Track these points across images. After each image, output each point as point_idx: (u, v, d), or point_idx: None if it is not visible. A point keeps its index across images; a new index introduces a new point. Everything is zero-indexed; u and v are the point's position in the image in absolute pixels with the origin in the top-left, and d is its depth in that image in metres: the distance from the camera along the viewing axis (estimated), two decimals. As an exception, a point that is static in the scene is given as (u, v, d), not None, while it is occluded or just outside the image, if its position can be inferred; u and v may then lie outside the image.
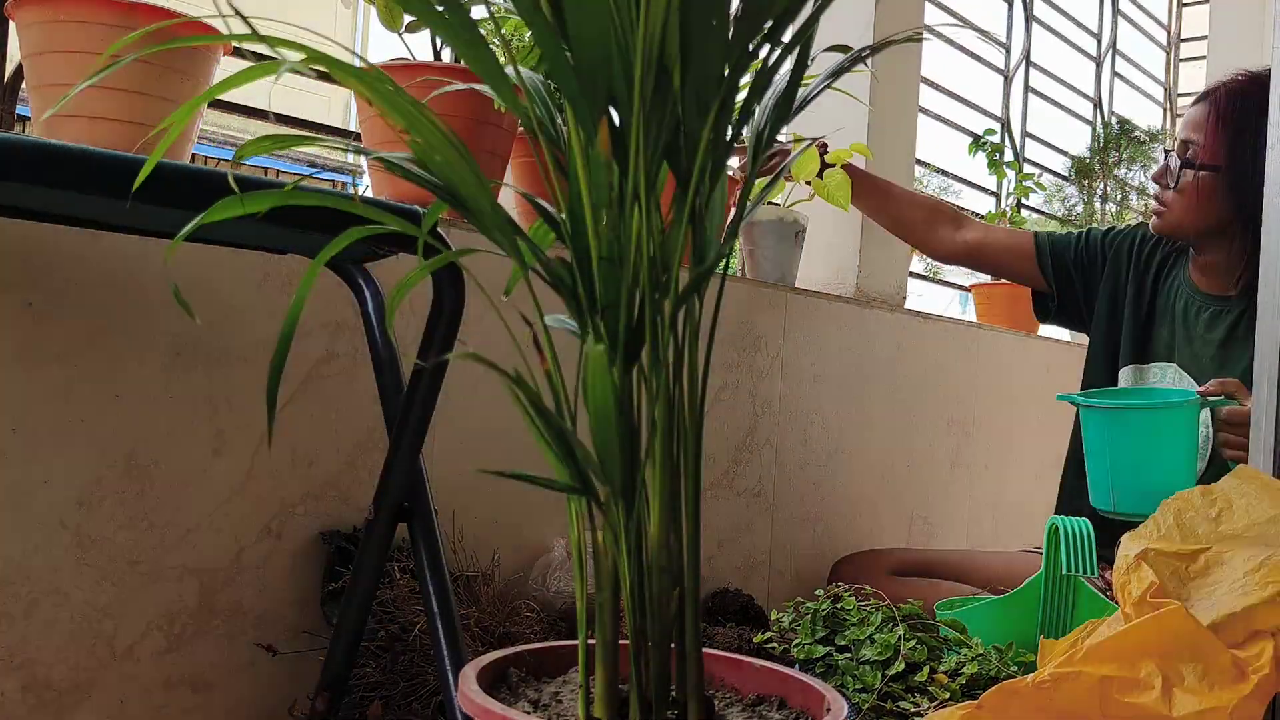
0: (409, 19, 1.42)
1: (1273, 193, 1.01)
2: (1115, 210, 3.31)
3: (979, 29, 2.83)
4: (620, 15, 0.60)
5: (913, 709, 1.08)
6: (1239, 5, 3.84)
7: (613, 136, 0.64)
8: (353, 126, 1.61)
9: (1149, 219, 1.62)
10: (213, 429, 1.22)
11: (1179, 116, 3.97)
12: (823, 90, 0.70)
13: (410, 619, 1.22)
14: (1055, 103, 3.23)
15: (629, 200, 0.64)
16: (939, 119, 2.69)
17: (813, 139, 0.95)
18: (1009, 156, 2.92)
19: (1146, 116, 3.84)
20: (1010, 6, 2.98)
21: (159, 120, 1.13)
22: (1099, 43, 3.51)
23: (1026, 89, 3.00)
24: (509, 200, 1.73)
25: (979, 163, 2.83)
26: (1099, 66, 3.52)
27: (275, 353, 0.61)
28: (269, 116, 1.52)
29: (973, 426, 2.49)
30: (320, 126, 1.65)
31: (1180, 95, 3.98)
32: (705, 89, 0.62)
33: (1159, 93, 3.92)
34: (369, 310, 1.14)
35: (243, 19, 0.59)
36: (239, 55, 1.44)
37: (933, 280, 3.05)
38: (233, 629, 1.24)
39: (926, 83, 2.50)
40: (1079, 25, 3.41)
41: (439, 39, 1.48)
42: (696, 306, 0.68)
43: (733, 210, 0.73)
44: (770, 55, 0.66)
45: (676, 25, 0.60)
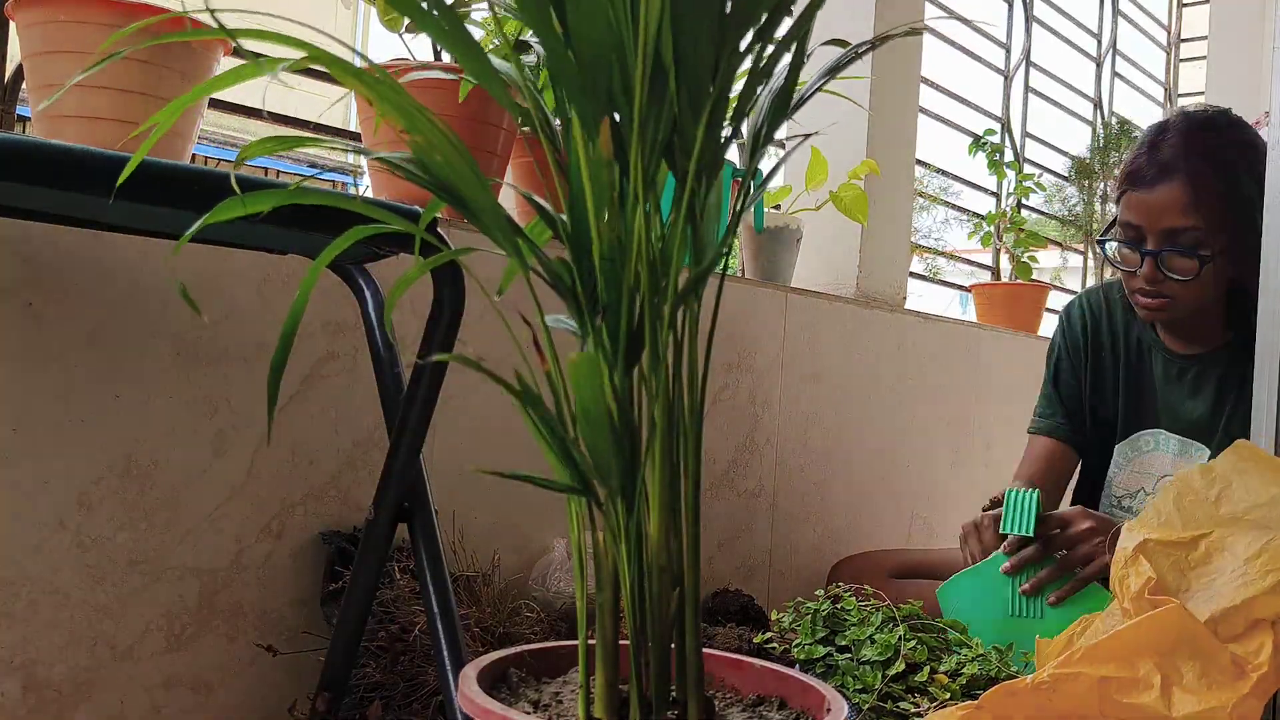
0: (409, 19, 1.42)
1: (1273, 192, 1.01)
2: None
3: (979, 29, 2.83)
4: (618, 14, 0.60)
5: (913, 709, 1.08)
6: (1239, 5, 3.84)
7: (612, 137, 0.63)
8: (353, 126, 1.61)
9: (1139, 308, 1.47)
10: (213, 429, 1.22)
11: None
12: (821, 86, 0.70)
13: (410, 619, 1.22)
14: (1055, 103, 3.23)
15: (629, 200, 0.64)
16: (939, 119, 2.69)
17: (808, 134, 0.94)
18: (1009, 157, 2.92)
19: (1147, 117, 3.84)
20: (1010, 6, 2.98)
21: (158, 121, 1.13)
22: (1099, 43, 3.52)
23: (1026, 89, 3.00)
24: (510, 201, 1.73)
25: (979, 163, 2.83)
26: (1099, 66, 3.52)
27: (276, 352, 0.61)
28: (264, 115, 1.52)
29: (973, 426, 2.49)
30: (320, 127, 1.65)
31: (1180, 95, 3.98)
32: (698, 86, 0.62)
33: (1159, 93, 3.92)
34: (369, 310, 1.14)
35: (223, 26, 0.59)
36: (240, 56, 1.44)
37: (933, 280, 3.05)
38: (233, 629, 1.24)
39: (926, 83, 2.50)
40: (1079, 25, 3.41)
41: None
42: (696, 306, 0.68)
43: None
44: (765, 51, 0.65)
45: (669, 23, 0.60)
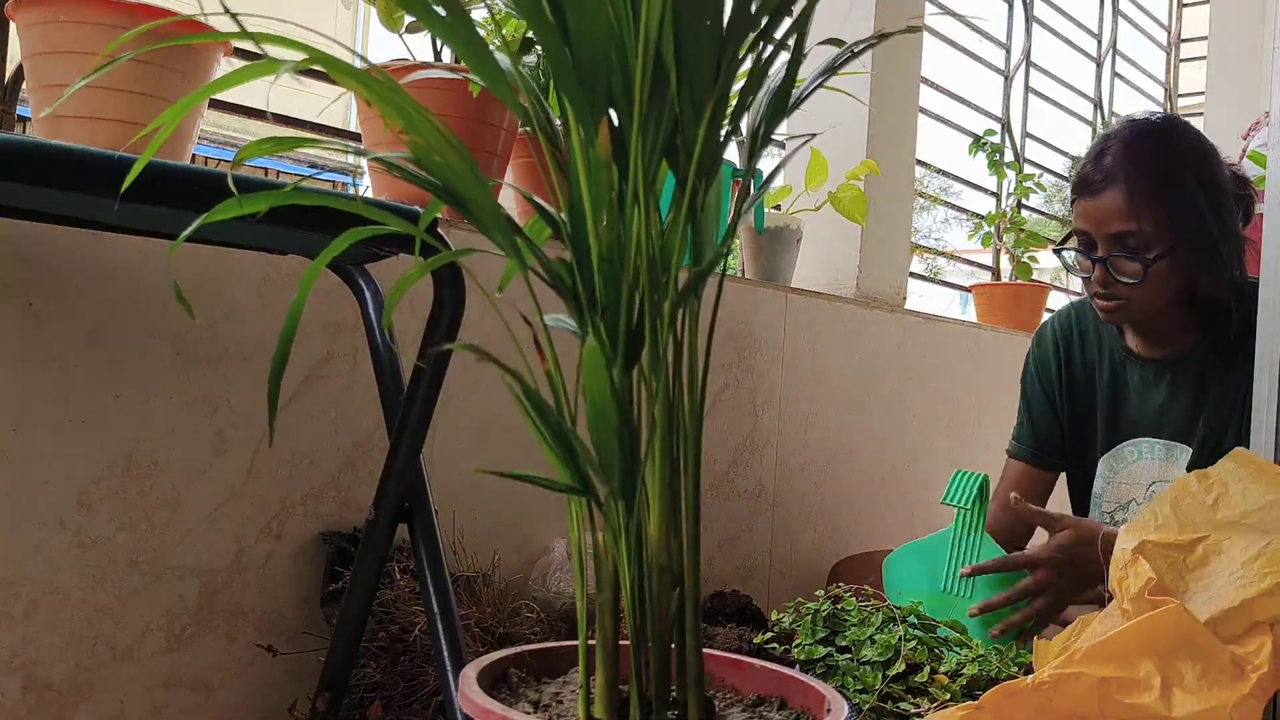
0: (409, 20, 1.42)
1: (1273, 192, 1.01)
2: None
3: (979, 29, 2.83)
4: (619, 14, 0.60)
5: (913, 710, 1.08)
6: (1239, 5, 3.84)
7: (612, 137, 0.63)
8: (353, 126, 1.61)
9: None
10: (213, 429, 1.22)
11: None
12: (819, 85, 0.70)
13: (410, 619, 1.22)
14: (1055, 103, 3.23)
15: (629, 200, 0.64)
16: (939, 119, 2.69)
17: (809, 136, 0.93)
18: (1009, 157, 2.92)
19: (1147, 117, 3.83)
20: (1010, 6, 2.98)
21: (159, 121, 1.13)
22: (1099, 43, 3.52)
23: (1027, 89, 3.00)
24: (510, 201, 1.73)
25: (979, 163, 2.83)
26: (1099, 67, 3.52)
27: (276, 352, 0.61)
28: (267, 116, 1.52)
29: (973, 426, 2.49)
30: (320, 127, 1.65)
31: (1180, 95, 3.98)
32: (700, 86, 0.62)
33: (1159, 93, 3.92)
34: (369, 311, 1.14)
35: (234, 19, 0.59)
36: (240, 56, 1.44)
37: (933, 280, 3.05)
38: (233, 629, 1.24)
39: (926, 83, 2.50)
40: (1079, 25, 3.41)
41: (439, 40, 1.48)
42: (696, 306, 0.68)
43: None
44: (764, 51, 0.65)
45: (671, 24, 0.60)
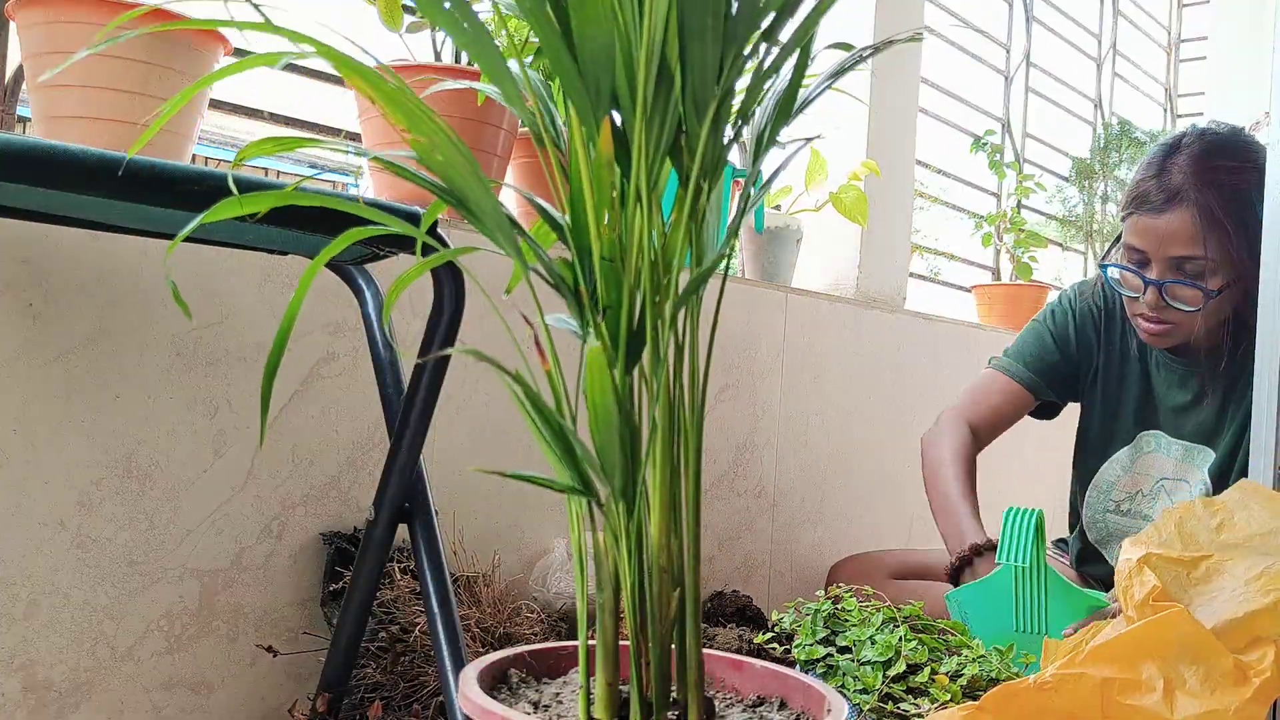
0: (409, 20, 1.42)
1: (1273, 192, 1.00)
2: (1116, 211, 3.31)
3: (979, 29, 2.83)
4: (623, 14, 0.60)
5: (914, 710, 1.08)
6: (1239, 5, 3.84)
7: (615, 137, 0.63)
8: (354, 127, 1.61)
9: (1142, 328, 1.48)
10: (213, 429, 1.22)
11: (1180, 118, 3.96)
12: (825, 88, 0.70)
13: (411, 620, 1.22)
14: (1056, 103, 3.23)
15: (631, 200, 0.63)
16: (939, 119, 2.69)
17: (810, 136, 0.93)
18: (1009, 157, 2.92)
19: (1147, 117, 3.84)
20: (1010, 6, 2.98)
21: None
22: (1099, 43, 3.52)
23: (1027, 89, 3.00)
24: (511, 201, 1.73)
25: (979, 163, 2.83)
26: (1099, 67, 3.52)
27: (270, 352, 0.60)
28: (265, 116, 1.52)
29: (973, 427, 2.49)
30: (321, 127, 1.65)
31: (1180, 96, 3.98)
32: (703, 88, 0.62)
33: (1159, 93, 3.92)
34: (369, 311, 1.14)
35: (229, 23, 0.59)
36: (240, 56, 1.44)
37: (933, 280, 3.05)
38: (233, 630, 1.24)
39: (926, 83, 2.50)
40: (1079, 26, 3.41)
41: (441, 39, 1.48)
42: (697, 307, 0.68)
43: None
44: (769, 54, 0.65)
45: (676, 24, 0.60)
